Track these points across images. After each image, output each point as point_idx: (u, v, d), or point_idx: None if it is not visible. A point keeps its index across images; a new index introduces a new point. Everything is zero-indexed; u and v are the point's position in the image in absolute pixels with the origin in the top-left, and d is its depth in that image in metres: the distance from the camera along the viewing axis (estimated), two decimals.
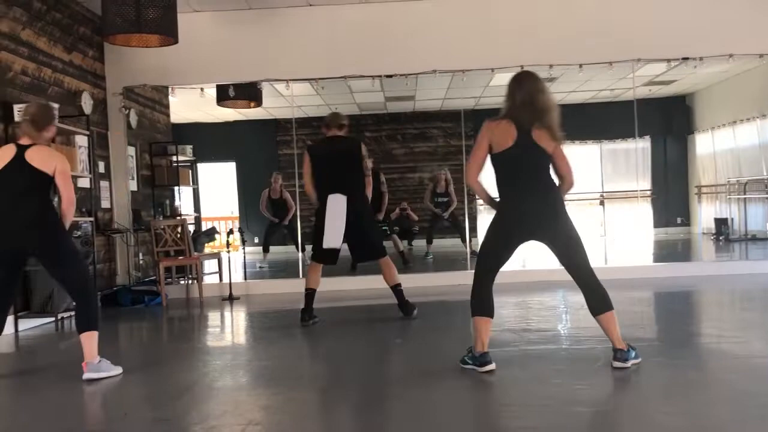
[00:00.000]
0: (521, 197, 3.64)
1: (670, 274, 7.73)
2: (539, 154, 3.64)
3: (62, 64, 6.87)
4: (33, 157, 3.97)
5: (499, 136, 3.63)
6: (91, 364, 3.93)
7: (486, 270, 3.74)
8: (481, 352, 3.68)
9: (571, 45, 7.64)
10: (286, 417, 3.21)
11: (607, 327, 3.66)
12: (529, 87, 3.64)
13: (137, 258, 8.05)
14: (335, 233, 5.31)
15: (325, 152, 5.51)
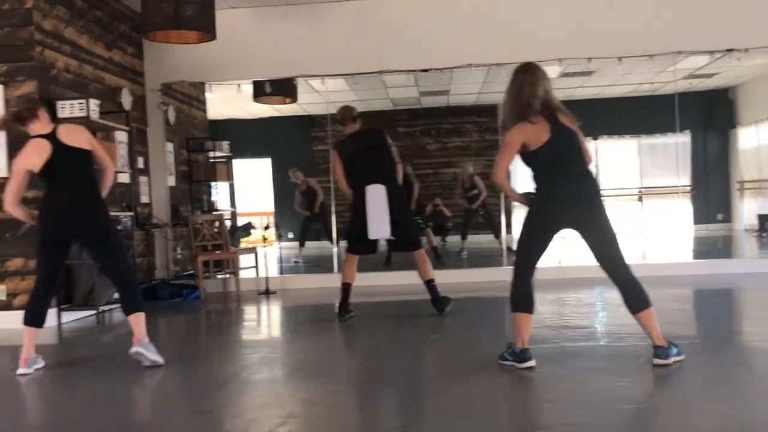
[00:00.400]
0: (556, 184, 3.60)
1: (711, 271, 7.57)
2: (576, 140, 3.62)
3: (103, 62, 6.99)
4: (69, 138, 4.02)
5: (533, 135, 3.58)
6: (142, 342, 4.01)
7: (524, 263, 3.70)
8: (521, 349, 3.65)
9: (610, 37, 7.51)
10: (325, 410, 3.22)
11: (646, 324, 3.59)
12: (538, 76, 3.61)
13: (175, 252, 8.16)
14: (381, 223, 5.31)
15: (354, 148, 5.51)
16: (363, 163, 5.44)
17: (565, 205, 3.59)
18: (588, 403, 3.06)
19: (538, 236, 3.68)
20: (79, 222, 4.06)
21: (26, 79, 5.83)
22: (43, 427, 3.33)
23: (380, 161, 5.48)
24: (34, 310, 4.16)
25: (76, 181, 4.07)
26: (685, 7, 7.49)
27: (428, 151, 13.98)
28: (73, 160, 4.04)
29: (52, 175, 4.04)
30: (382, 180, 5.37)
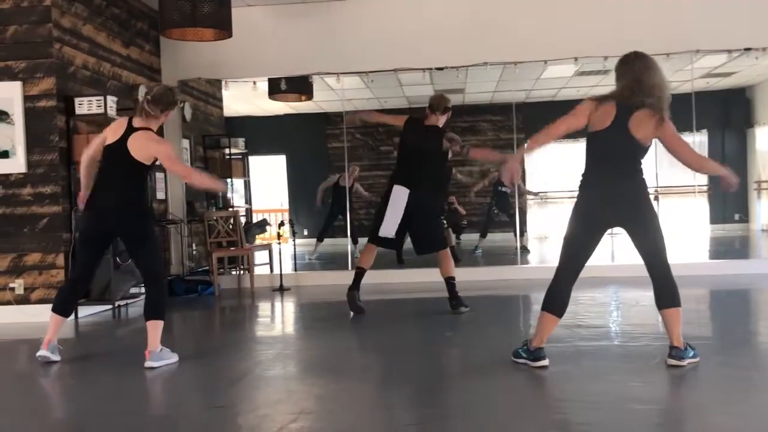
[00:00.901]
0: (605, 181, 3.57)
1: (728, 271, 7.51)
2: (631, 142, 3.55)
3: (120, 59, 7.05)
4: (132, 145, 4.05)
5: (598, 116, 3.56)
6: (154, 353, 4.03)
7: (567, 263, 3.62)
8: (536, 347, 3.64)
9: (626, 36, 7.44)
10: (339, 406, 3.23)
11: (669, 322, 3.58)
12: (637, 66, 3.56)
13: (190, 248, 8.22)
14: (391, 224, 5.35)
15: (415, 137, 5.44)
16: (409, 161, 5.42)
17: (615, 205, 3.55)
18: (601, 402, 3.06)
19: (587, 232, 3.61)
20: (114, 220, 4.09)
21: (44, 75, 5.89)
22: (59, 420, 3.37)
23: (426, 164, 5.41)
24: (61, 300, 4.25)
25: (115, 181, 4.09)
26: (703, 5, 7.42)
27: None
28: (120, 162, 4.06)
29: (102, 165, 4.13)
30: (415, 185, 5.34)
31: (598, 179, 3.59)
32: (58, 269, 5.91)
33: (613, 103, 3.55)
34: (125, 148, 4.04)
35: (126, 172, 4.08)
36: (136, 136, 4.05)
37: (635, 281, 6.89)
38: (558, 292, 3.62)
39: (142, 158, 4.05)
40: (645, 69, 3.56)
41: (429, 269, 7.27)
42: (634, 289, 6.56)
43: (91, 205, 4.15)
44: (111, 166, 4.11)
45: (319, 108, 12.30)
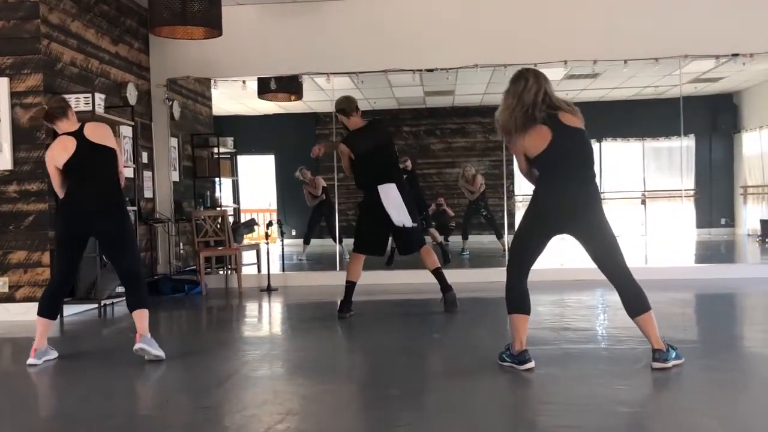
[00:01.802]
0: (556, 188, 3.58)
1: (713, 275, 7.56)
2: (575, 139, 3.58)
3: (109, 56, 7.01)
4: (94, 134, 4.12)
5: (532, 144, 3.56)
6: (145, 337, 4.05)
7: (518, 265, 3.69)
8: (519, 351, 3.64)
9: (615, 40, 7.51)
10: (325, 407, 3.23)
11: (645, 328, 3.58)
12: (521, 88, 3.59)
13: (178, 248, 8.18)
14: (401, 212, 5.32)
15: (365, 146, 5.46)
16: (374, 163, 5.42)
17: (564, 212, 3.57)
18: (587, 405, 3.07)
19: (534, 239, 3.66)
20: (95, 217, 4.12)
21: (32, 72, 5.85)
22: (44, 420, 3.34)
23: (390, 159, 5.52)
24: (46, 302, 4.22)
25: (96, 177, 4.13)
26: (691, 11, 7.48)
27: (432, 151, 13.98)
28: (96, 157, 4.13)
29: (74, 170, 4.12)
30: (392, 179, 5.39)
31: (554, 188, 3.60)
32: (44, 267, 5.86)
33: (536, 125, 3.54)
34: (90, 144, 4.09)
35: (99, 167, 4.13)
36: (89, 128, 4.15)
37: None
38: (516, 293, 3.67)
39: (111, 143, 4.15)
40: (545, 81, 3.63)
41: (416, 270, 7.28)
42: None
43: (68, 208, 4.15)
44: (84, 171, 4.12)
45: (309, 108, 12.28)
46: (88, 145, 4.10)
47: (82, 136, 4.12)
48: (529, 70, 3.71)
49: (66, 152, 4.10)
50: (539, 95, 3.55)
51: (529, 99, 3.55)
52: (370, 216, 5.42)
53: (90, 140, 4.11)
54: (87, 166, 4.11)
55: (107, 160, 4.16)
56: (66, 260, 4.20)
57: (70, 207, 4.16)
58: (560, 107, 3.60)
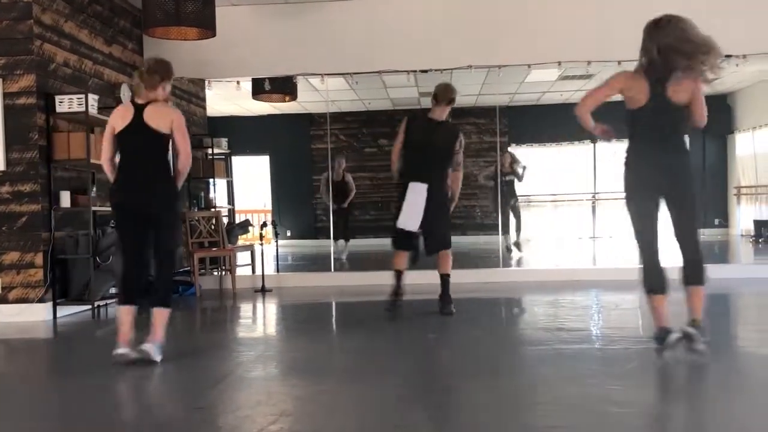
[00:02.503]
0: (652, 154, 3.63)
1: (708, 276, 7.56)
2: (673, 112, 3.62)
3: (102, 57, 6.99)
4: (150, 117, 4.01)
5: (632, 91, 3.63)
6: (156, 343, 3.99)
7: (645, 242, 3.75)
8: (659, 328, 3.70)
9: (609, 41, 7.51)
10: (319, 408, 3.22)
11: (693, 298, 3.70)
12: (669, 32, 3.63)
13: None
14: (412, 217, 5.26)
15: (423, 135, 5.34)
16: (421, 156, 5.32)
17: (663, 177, 3.64)
18: (579, 405, 3.07)
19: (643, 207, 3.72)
20: (138, 199, 4.02)
21: (25, 72, 5.83)
22: (37, 422, 3.33)
23: (441, 160, 5.36)
24: (122, 290, 4.14)
25: (141, 159, 4.02)
26: (684, 12, 7.44)
27: None
28: (143, 139, 4.00)
29: (123, 147, 4.05)
30: (429, 178, 5.27)
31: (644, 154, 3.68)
32: (37, 268, 5.84)
33: (644, 78, 3.60)
34: (143, 123, 3.98)
35: (150, 149, 4.02)
36: (151, 107, 4.02)
37: (616, 285, 6.96)
38: (651, 273, 3.74)
39: (163, 127, 3.99)
40: (680, 32, 3.71)
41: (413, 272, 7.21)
42: (614, 292, 6.62)
43: (119, 192, 4.07)
44: (131, 149, 4.04)
45: (303, 109, 12.29)
46: (140, 125, 3.98)
47: (141, 113, 4.00)
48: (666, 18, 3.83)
49: (122, 122, 4.01)
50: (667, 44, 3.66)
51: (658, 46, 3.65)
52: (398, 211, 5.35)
53: (145, 121, 3.99)
54: (133, 144, 4.02)
55: (154, 143, 4.01)
56: (129, 243, 4.09)
57: (115, 189, 4.08)
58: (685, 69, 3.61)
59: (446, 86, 5.49)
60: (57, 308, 5.95)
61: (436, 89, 5.46)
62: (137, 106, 4.05)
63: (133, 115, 4.02)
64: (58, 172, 6.07)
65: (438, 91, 5.43)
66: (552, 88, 11.38)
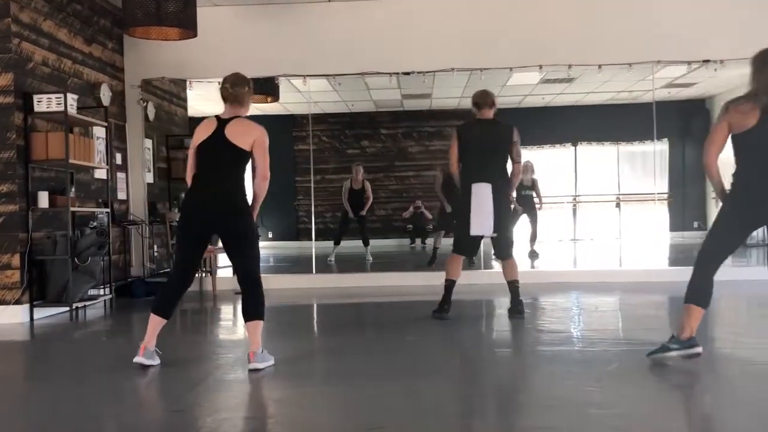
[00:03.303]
0: (759, 179, 3.58)
1: (686, 278, 7.61)
2: None
3: (82, 56, 6.92)
4: (232, 133, 3.88)
5: (738, 117, 3.58)
6: (258, 354, 3.90)
7: (711, 257, 3.71)
8: (689, 337, 3.67)
9: (590, 45, 7.59)
10: (298, 411, 3.21)
11: None
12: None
13: (152, 250, 8.10)
14: (483, 220, 5.18)
15: (474, 136, 5.30)
16: (478, 157, 5.25)
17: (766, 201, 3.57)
18: (558, 407, 3.09)
19: (737, 228, 3.67)
20: (213, 218, 3.91)
21: (2, 71, 5.76)
22: (10, 426, 3.28)
23: (497, 158, 5.30)
24: (162, 300, 4.05)
25: (217, 176, 3.90)
26: (664, 18, 7.58)
27: (410, 154, 14.02)
28: (222, 155, 3.89)
29: (201, 160, 3.93)
30: (491, 179, 5.21)
31: (751, 178, 3.61)
32: (14, 270, 5.77)
33: (753, 104, 3.55)
34: (223, 137, 3.87)
35: (227, 164, 3.90)
36: (234, 122, 3.91)
37: (596, 287, 7.01)
38: (700, 286, 3.72)
39: (243, 144, 3.87)
40: None
41: (399, 273, 7.29)
42: (594, 295, 6.66)
43: (192, 203, 3.96)
44: (209, 162, 3.92)
45: (286, 110, 12.24)
46: (220, 139, 3.87)
47: (222, 127, 3.90)
48: None
49: (204, 133, 3.92)
50: None
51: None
52: (466, 215, 5.24)
53: (225, 135, 3.87)
54: (210, 159, 3.90)
55: (232, 160, 3.89)
56: (184, 258, 4.01)
57: (187, 204, 3.99)
58: None
59: (482, 92, 5.47)
60: (34, 310, 5.87)
61: (475, 98, 5.43)
62: (221, 121, 3.93)
63: (215, 129, 3.90)
64: (36, 173, 6.00)
65: (478, 100, 5.40)
66: (534, 92, 11.44)
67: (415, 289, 7.08)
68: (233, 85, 4.00)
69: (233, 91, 3.97)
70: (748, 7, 7.46)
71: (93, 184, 6.98)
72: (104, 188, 7.05)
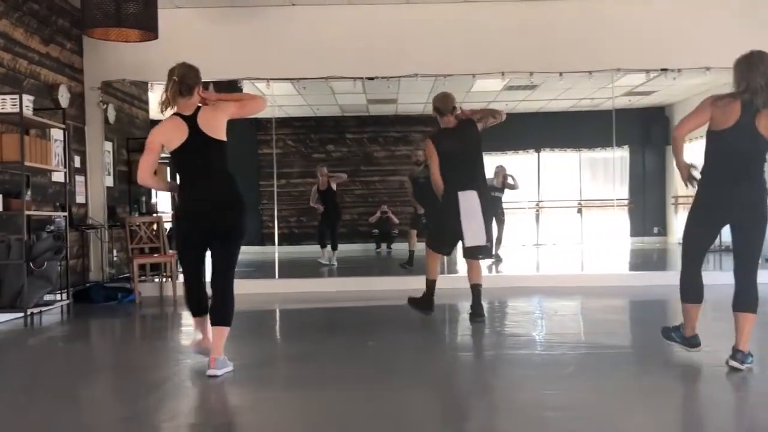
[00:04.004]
0: (727, 181, 3.63)
1: (646, 282, 7.78)
2: (757, 143, 3.61)
3: (39, 56, 6.78)
4: (208, 127, 3.72)
5: (719, 114, 3.61)
6: (218, 360, 3.81)
7: (691, 254, 3.80)
8: (691, 335, 3.82)
9: (551, 53, 7.69)
10: (256, 416, 3.18)
11: (741, 326, 3.65)
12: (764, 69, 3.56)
13: (111, 255, 7.96)
14: (477, 229, 5.14)
15: (450, 146, 5.23)
16: (458, 165, 5.22)
17: (734, 205, 3.63)
18: (516, 410, 3.11)
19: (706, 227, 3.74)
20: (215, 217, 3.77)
21: None
22: None
23: (476, 162, 5.28)
24: (192, 304, 3.97)
25: (213, 177, 3.77)
26: (623, 27, 7.72)
27: (375, 159, 14.03)
28: (209, 154, 3.75)
29: (185, 164, 3.80)
30: (475, 184, 5.20)
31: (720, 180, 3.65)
32: None
33: (738, 103, 3.57)
34: (203, 136, 3.71)
35: (217, 162, 3.77)
36: (201, 115, 3.73)
37: (558, 291, 7.09)
38: (691, 283, 3.78)
39: (221, 134, 3.75)
40: None
41: (364, 278, 7.27)
42: (556, 299, 6.73)
43: (194, 212, 3.81)
44: (198, 165, 3.77)
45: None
46: (199, 137, 3.70)
47: (196, 124, 3.71)
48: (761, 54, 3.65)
49: (178, 139, 3.70)
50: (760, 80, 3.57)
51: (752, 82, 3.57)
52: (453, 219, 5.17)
53: (203, 130, 3.71)
54: (195, 160, 3.74)
55: (217, 155, 3.77)
56: (189, 265, 3.93)
57: (187, 208, 3.82)
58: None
59: (444, 97, 5.42)
60: None
61: (436, 103, 5.38)
62: (188, 119, 3.74)
63: (191, 130, 3.72)
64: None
65: (439, 105, 5.34)
66: (497, 98, 11.55)
67: (379, 294, 7.07)
68: (185, 76, 3.81)
69: (189, 82, 3.80)
70: (705, 18, 7.65)
71: (50, 188, 6.84)
72: (62, 191, 6.90)
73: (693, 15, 7.69)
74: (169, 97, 3.78)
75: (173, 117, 3.81)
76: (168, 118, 3.86)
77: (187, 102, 3.79)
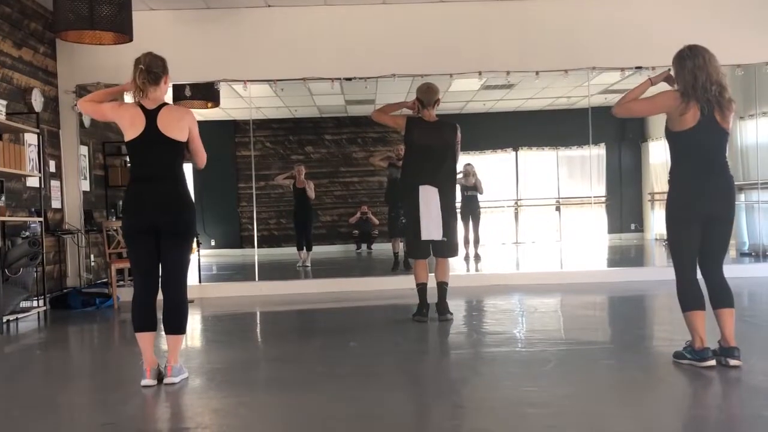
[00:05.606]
0: (699, 176, 3.63)
1: (623, 278, 7.87)
2: (721, 136, 3.63)
3: (11, 60, 6.69)
4: (166, 125, 3.64)
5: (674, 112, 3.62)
6: (175, 368, 3.74)
7: (681, 261, 3.71)
8: (701, 348, 3.63)
9: (528, 53, 7.74)
10: (236, 420, 3.16)
11: (726, 322, 3.63)
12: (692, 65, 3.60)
13: (88, 260, 7.87)
14: (432, 224, 5.15)
15: (424, 139, 5.23)
16: (426, 160, 5.21)
17: (707, 200, 3.62)
18: (495, 408, 3.12)
19: (687, 228, 3.68)
20: (159, 216, 3.68)
21: None
22: None
23: (444, 161, 5.26)
24: (138, 315, 3.77)
25: (159, 174, 3.68)
26: (597, 26, 7.80)
27: (354, 159, 14.03)
28: (159, 151, 3.67)
29: (134, 158, 3.73)
30: (438, 182, 5.19)
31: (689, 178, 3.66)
32: None
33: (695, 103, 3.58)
34: (157, 132, 3.62)
35: (167, 159, 3.68)
36: (163, 113, 3.65)
37: (537, 289, 7.14)
38: (688, 290, 3.68)
39: (179, 136, 3.66)
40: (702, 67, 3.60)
41: (344, 279, 7.25)
42: (535, 296, 6.78)
43: (137, 204, 3.72)
44: (147, 160, 3.68)
45: (227, 115, 12.11)
46: (154, 134, 3.62)
47: (154, 121, 3.62)
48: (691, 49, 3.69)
49: (133, 128, 3.63)
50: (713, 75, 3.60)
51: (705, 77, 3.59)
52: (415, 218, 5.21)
53: (159, 129, 3.63)
54: (146, 157, 3.68)
55: (170, 154, 3.68)
56: (138, 261, 3.75)
57: (130, 201, 3.74)
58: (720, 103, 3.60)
59: (428, 88, 5.38)
60: None
61: (419, 94, 5.36)
62: (147, 112, 3.66)
63: (146, 124, 3.64)
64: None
65: (422, 97, 5.32)
66: (475, 98, 11.61)
67: (359, 295, 7.07)
68: (150, 64, 3.71)
69: (156, 70, 3.71)
70: (679, 15, 7.74)
71: (25, 193, 6.75)
72: (37, 197, 6.82)
73: (666, 14, 7.79)
74: (139, 86, 3.70)
75: (134, 104, 3.73)
76: (131, 103, 3.79)
77: (155, 92, 3.72)
